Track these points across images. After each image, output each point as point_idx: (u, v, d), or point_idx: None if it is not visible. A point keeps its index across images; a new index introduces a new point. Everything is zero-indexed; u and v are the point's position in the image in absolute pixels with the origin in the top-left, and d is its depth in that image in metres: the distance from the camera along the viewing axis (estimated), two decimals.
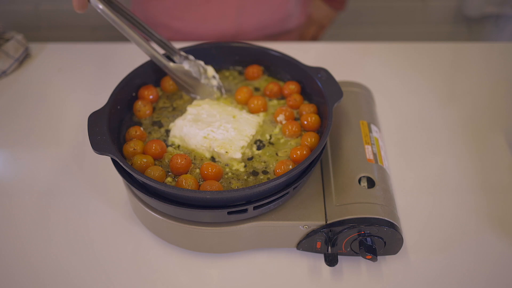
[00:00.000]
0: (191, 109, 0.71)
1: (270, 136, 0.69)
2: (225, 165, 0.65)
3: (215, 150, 0.65)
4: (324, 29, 1.30)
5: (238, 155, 0.65)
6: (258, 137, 0.69)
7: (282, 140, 0.69)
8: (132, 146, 0.65)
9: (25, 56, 1.02)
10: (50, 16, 1.66)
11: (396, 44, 1.08)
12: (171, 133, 0.69)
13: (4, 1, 1.63)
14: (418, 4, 1.76)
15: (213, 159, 0.66)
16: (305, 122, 0.69)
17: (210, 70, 0.75)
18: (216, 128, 0.67)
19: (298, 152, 0.64)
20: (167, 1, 1.07)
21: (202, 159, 0.66)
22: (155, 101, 0.74)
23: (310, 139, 0.66)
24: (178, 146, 0.68)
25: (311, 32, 1.29)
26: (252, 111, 0.72)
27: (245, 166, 0.65)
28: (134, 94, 0.74)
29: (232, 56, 0.79)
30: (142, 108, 0.71)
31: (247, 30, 1.10)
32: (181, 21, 1.09)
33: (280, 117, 0.70)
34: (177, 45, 0.76)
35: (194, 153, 0.67)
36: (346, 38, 1.30)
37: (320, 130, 0.69)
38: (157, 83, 0.77)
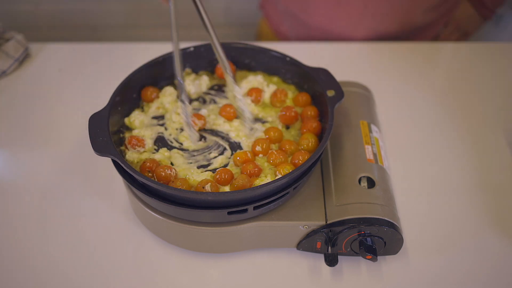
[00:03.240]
0: None
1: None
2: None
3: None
4: (468, 37, 1.26)
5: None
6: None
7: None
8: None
9: (25, 56, 1.02)
10: (50, 16, 1.66)
11: (396, 44, 1.08)
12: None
13: (4, 1, 1.63)
14: None
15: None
16: (305, 130, 0.69)
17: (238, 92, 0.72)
18: None
19: (300, 156, 0.64)
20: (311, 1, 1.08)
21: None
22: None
23: (311, 143, 0.66)
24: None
25: (453, 38, 1.25)
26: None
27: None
28: (134, 95, 0.74)
29: (235, 57, 0.79)
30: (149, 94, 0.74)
31: (372, 32, 1.09)
32: (308, 15, 1.10)
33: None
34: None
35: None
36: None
37: (321, 131, 0.69)
38: (157, 85, 0.77)
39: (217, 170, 0.64)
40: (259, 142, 0.67)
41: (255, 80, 0.76)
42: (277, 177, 0.62)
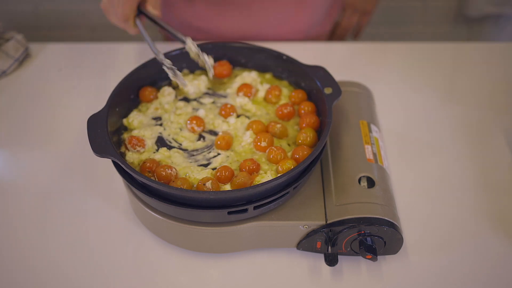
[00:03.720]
0: None
1: None
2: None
3: None
4: (369, 16, 1.22)
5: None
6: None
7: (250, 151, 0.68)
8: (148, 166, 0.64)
9: (25, 56, 1.02)
10: (50, 16, 1.66)
11: (396, 44, 1.07)
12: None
13: (4, 1, 1.63)
14: (418, 4, 1.76)
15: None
16: (304, 125, 0.69)
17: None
18: None
19: (300, 152, 0.64)
20: (196, 6, 1.05)
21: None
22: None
23: (309, 138, 0.66)
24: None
25: (354, 20, 1.21)
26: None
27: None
28: (132, 96, 0.74)
29: (232, 57, 0.79)
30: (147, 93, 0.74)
31: (269, 26, 1.07)
32: (204, 22, 1.07)
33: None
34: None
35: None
36: (346, 38, 1.30)
37: (320, 129, 0.69)
38: (156, 85, 0.77)
39: (217, 168, 0.64)
40: (262, 136, 0.67)
41: (249, 76, 0.77)
42: (279, 173, 0.62)
